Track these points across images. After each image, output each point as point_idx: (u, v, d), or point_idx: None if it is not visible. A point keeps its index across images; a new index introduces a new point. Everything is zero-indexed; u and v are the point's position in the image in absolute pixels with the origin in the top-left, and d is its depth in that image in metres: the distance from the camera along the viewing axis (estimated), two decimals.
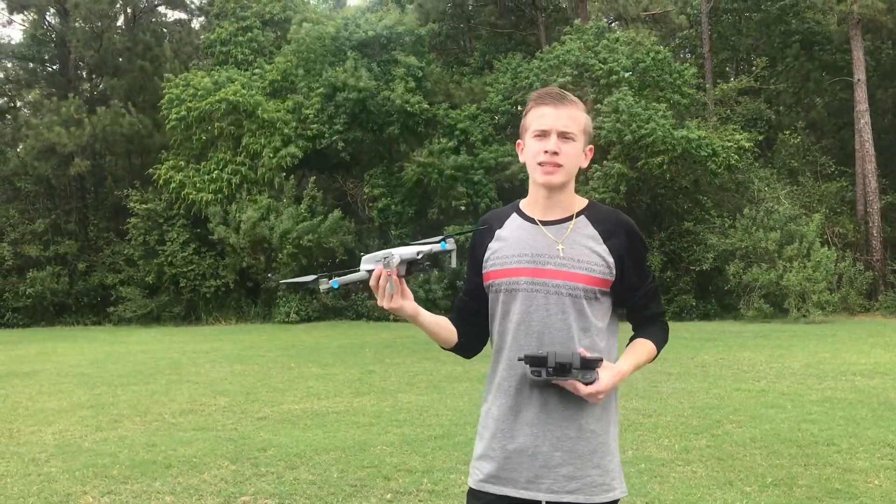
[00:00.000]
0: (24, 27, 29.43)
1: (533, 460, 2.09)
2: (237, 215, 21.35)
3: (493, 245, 2.22)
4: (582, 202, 2.22)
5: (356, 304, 20.93)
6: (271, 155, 21.72)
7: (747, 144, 20.03)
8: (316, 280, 2.09)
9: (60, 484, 5.39)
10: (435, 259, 2.06)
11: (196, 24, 30.44)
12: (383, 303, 2.04)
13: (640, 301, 2.23)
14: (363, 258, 2.09)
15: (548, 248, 2.13)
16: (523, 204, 2.26)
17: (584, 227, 2.16)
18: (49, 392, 9.62)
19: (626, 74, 19.57)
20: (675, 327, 13.58)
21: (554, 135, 2.12)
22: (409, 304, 2.08)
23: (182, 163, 22.80)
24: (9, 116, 28.07)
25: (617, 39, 20.76)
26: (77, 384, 10.25)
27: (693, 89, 21.62)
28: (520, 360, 2.03)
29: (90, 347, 15.80)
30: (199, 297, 22.70)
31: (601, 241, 2.14)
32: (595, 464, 2.09)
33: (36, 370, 12.00)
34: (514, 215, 2.24)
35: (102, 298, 24.35)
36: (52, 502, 4.98)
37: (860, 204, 21.94)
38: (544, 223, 2.17)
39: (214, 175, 22.04)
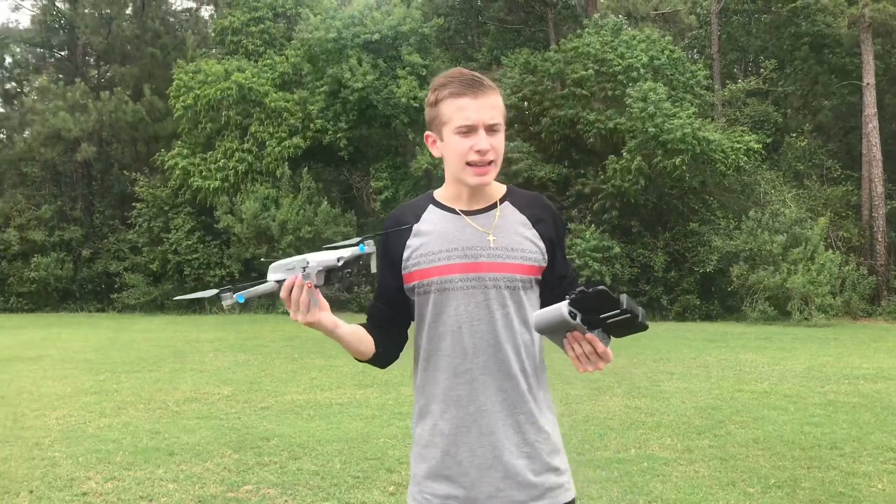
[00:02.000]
0: (33, 12, 29.49)
1: (493, 472, 1.90)
2: (241, 205, 21.40)
3: (413, 242, 1.97)
4: (501, 188, 2.04)
5: (360, 297, 20.94)
6: (275, 145, 21.77)
7: (756, 146, 19.99)
8: (217, 295, 1.88)
9: (64, 468, 5.41)
10: (357, 265, 1.84)
11: (205, 12, 30.48)
12: (297, 316, 1.80)
13: (567, 290, 1.96)
14: (271, 267, 1.86)
15: (478, 239, 1.93)
16: (440, 195, 2.04)
17: (512, 213, 1.99)
18: (53, 377, 9.65)
19: (643, 72, 19.61)
20: (677, 327, 13.54)
21: (481, 130, 1.89)
22: (326, 317, 1.85)
23: (188, 151, 22.83)
24: (16, 102, 28.14)
25: (635, 37, 20.75)
26: (81, 370, 10.29)
27: (704, 90, 21.61)
28: (586, 291, 1.68)
29: (94, 334, 15.85)
30: (204, 286, 22.75)
31: (530, 225, 1.98)
32: (552, 467, 1.96)
33: (41, 355, 12.04)
34: (432, 207, 2.02)
35: (106, 285, 24.42)
36: (55, 486, 5.00)
37: (865, 208, 21.89)
38: (469, 213, 1.97)
39: (221, 164, 22.07)
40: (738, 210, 20.14)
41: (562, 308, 1.70)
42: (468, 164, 1.91)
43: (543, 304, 1.99)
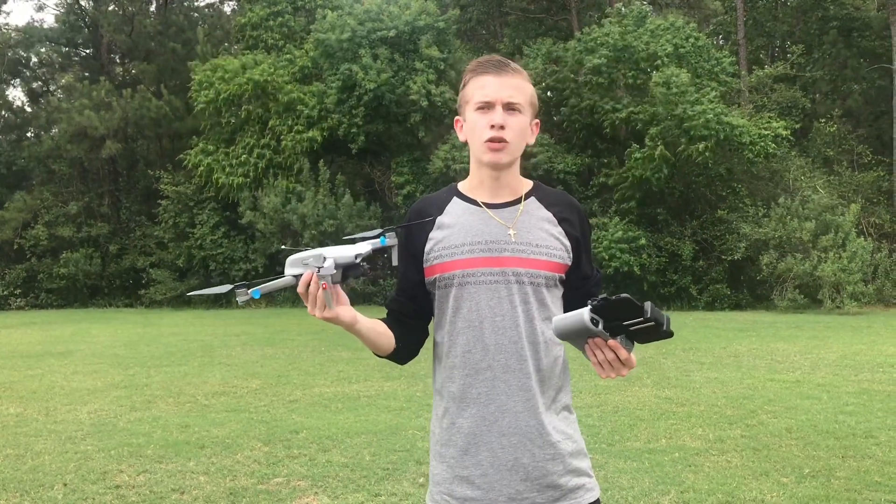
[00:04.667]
0: (57, 12, 29.81)
1: (513, 474, 1.85)
2: (264, 200, 21.51)
3: (435, 234, 1.93)
4: (527, 183, 1.99)
5: (385, 289, 20.98)
6: (291, 137, 21.83)
7: (784, 132, 19.71)
8: (232, 291, 1.84)
9: (97, 462, 5.46)
10: (375, 261, 1.79)
11: (227, 7, 30.61)
12: (314, 312, 1.75)
13: (592, 290, 1.99)
14: (288, 260, 1.81)
15: (501, 233, 1.89)
16: (463, 187, 2.00)
17: (537, 209, 1.94)
18: (84, 372, 9.76)
19: (667, 60, 19.43)
20: (706, 317, 13.37)
21: (498, 106, 1.86)
22: (345, 312, 1.79)
23: (212, 147, 22.97)
24: (42, 100, 28.47)
25: (659, 25, 20.54)
26: (111, 365, 10.39)
27: (730, 77, 21.35)
28: (609, 298, 1.64)
29: (123, 329, 16.01)
30: (230, 281, 22.89)
31: (556, 223, 1.93)
32: (573, 468, 1.90)
33: (71, 350, 12.19)
34: (456, 199, 1.97)
35: (134, 281, 24.67)
36: (89, 479, 5.04)
37: None
38: (492, 206, 1.93)
39: (242, 159, 22.19)
40: (767, 197, 19.91)
41: (583, 314, 1.64)
42: (484, 141, 1.87)
43: (566, 303, 1.95)
